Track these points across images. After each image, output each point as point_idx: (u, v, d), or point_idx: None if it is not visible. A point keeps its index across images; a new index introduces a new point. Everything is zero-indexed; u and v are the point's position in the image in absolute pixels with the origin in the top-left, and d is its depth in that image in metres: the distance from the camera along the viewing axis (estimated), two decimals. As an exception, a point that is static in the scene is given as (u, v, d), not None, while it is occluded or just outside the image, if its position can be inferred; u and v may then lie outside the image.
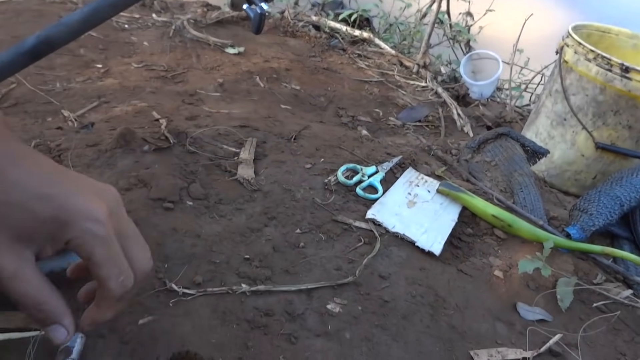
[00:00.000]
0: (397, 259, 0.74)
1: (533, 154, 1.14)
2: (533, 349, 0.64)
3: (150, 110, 1.05)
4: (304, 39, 1.97)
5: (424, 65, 1.88)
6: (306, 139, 1.03)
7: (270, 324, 0.58)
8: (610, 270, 0.84)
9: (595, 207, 0.90)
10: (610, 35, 1.50)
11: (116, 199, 0.38)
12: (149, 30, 1.66)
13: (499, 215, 0.86)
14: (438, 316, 0.65)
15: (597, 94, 1.25)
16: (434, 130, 1.45)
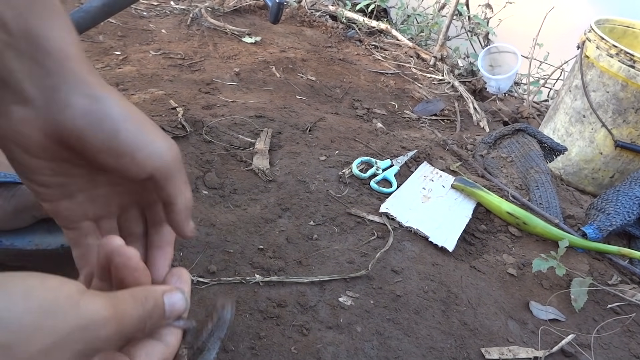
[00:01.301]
0: (410, 254, 0.74)
1: (550, 150, 1.13)
2: (545, 349, 0.63)
3: (168, 99, 1.05)
4: (321, 29, 1.96)
5: (441, 58, 1.86)
6: (321, 130, 1.03)
7: (282, 314, 0.59)
8: (626, 272, 0.83)
9: (613, 206, 0.89)
10: (634, 30, 1.47)
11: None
12: (167, 17, 1.66)
13: (514, 212, 0.85)
14: (450, 312, 0.65)
15: (618, 91, 1.23)
16: (450, 124, 1.44)
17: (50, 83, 0.29)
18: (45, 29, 0.29)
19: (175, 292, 0.31)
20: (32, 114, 0.29)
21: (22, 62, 0.29)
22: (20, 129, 0.29)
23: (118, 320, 0.26)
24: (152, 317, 0.29)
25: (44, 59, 0.29)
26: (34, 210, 0.53)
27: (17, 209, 0.52)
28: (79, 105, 0.30)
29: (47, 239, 0.53)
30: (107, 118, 0.30)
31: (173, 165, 0.34)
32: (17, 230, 0.54)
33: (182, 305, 0.31)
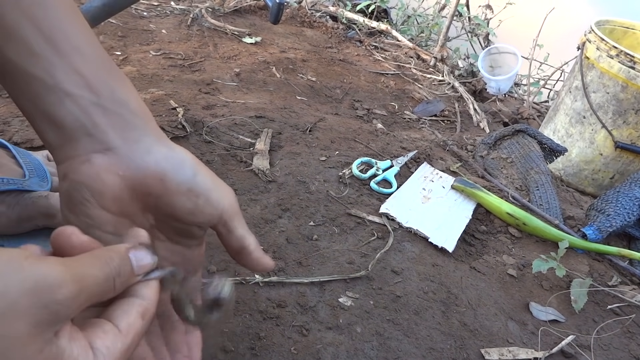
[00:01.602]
0: (409, 254, 0.74)
1: (550, 151, 1.13)
2: (545, 350, 0.63)
3: (168, 99, 1.05)
4: (321, 30, 1.96)
5: (441, 59, 1.86)
6: (321, 131, 1.03)
7: (282, 315, 0.59)
8: (626, 273, 0.83)
9: (613, 207, 0.89)
10: (634, 32, 1.47)
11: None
12: (168, 18, 1.66)
13: (514, 213, 0.85)
14: (450, 313, 0.65)
15: (618, 92, 1.23)
16: (450, 125, 1.44)
17: (134, 135, 0.34)
18: (124, 91, 0.34)
19: (141, 248, 0.31)
20: (114, 160, 0.33)
21: (108, 117, 0.33)
22: (101, 175, 0.32)
23: (78, 281, 0.25)
24: (121, 274, 0.29)
25: (129, 116, 0.34)
26: (37, 220, 0.53)
27: (21, 218, 0.52)
28: (160, 152, 0.34)
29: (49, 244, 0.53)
30: (186, 162, 0.35)
31: (237, 207, 0.38)
32: (18, 234, 0.53)
33: (149, 259, 0.31)
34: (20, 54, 0.31)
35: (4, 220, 0.51)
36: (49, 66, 0.31)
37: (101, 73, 0.33)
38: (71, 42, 0.32)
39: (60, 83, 0.31)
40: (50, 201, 0.52)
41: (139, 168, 0.33)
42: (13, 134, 0.77)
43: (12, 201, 0.51)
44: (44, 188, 0.54)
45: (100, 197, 0.33)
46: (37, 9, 0.31)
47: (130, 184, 0.33)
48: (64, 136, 0.33)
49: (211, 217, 0.36)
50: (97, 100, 0.32)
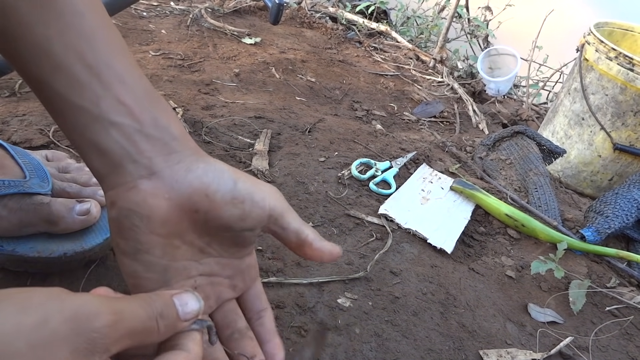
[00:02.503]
0: (408, 256, 0.74)
1: (549, 153, 1.13)
2: (543, 351, 0.63)
3: (167, 99, 1.05)
4: (321, 31, 1.96)
5: (440, 60, 1.86)
6: (320, 131, 1.03)
7: (281, 316, 0.59)
8: (625, 274, 0.83)
9: (611, 209, 0.89)
10: (633, 34, 1.47)
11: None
12: (167, 18, 1.66)
13: (513, 214, 0.85)
14: (448, 314, 0.65)
15: (617, 94, 1.23)
16: (449, 126, 1.44)
17: (175, 157, 0.35)
18: (165, 118, 0.36)
19: (185, 293, 0.32)
20: (159, 184, 0.34)
21: (151, 143, 0.34)
22: (148, 200, 0.34)
23: (114, 313, 0.26)
24: (164, 316, 0.29)
25: (170, 141, 0.35)
26: (39, 226, 0.52)
27: (22, 223, 0.51)
28: (199, 168, 0.36)
29: (50, 245, 0.52)
30: (224, 173, 0.36)
31: (285, 204, 0.39)
32: (18, 237, 0.53)
33: (196, 304, 0.32)
34: (67, 86, 0.33)
35: (5, 224, 0.51)
36: (94, 97, 0.33)
37: (144, 102, 0.35)
38: (115, 74, 0.34)
39: (105, 113, 0.33)
40: (52, 208, 0.52)
41: (182, 187, 0.35)
42: (12, 134, 0.77)
43: (14, 205, 0.51)
44: (45, 189, 0.54)
45: (148, 222, 0.34)
46: (82, 43, 0.33)
47: (177, 204, 0.35)
48: (111, 164, 0.34)
49: (261, 218, 0.37)
50: (140, 128, 0.34)
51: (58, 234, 0.53)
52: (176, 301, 0.31)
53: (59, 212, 0.52)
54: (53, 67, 0.32)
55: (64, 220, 0.52)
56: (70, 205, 0.53)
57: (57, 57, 0.32)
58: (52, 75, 0.32)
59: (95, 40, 0.34)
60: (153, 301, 0.29)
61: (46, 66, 0.33)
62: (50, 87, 0.33)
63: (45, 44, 0.32)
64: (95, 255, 0.55)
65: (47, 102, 0.34)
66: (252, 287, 0.43)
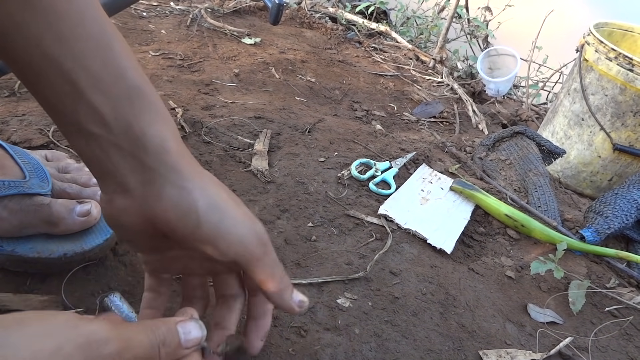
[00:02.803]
0: (408, 256, 0.74)
1: (549, 153, 1.13)
2: (543, 351, 0.63)
3: (167, 99, 1.05)
4: (320, 31, 1.96)
5: (440, 61, 1.86)
6: (320, 132, 1.03)
7: (280, 316, 0.59)
8: (624, 275, 0.83)
9: (611, 209, 0.89)
10: (632, 34, 1.47)
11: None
12: (167, 18, 1.66)
13: (512, 214, 0.85)
14: (448, 314, 0.65)
15: (616, 94, 1.23)
16: (449, 126, 1.44)
17: (148, 177, 0.33)
18: (145, 124, 0.33)
19: (190, 321, 0.33)
20: (132, 203, 0.34)
21: (124, 158, 0.33)
22: (122, 216, 0.34)
23: (122, 341, 0.27)
24: (166, 343, 0.30)
25: (142, 155, 0.33)
26: (39, 227, 0.52)
27: (23, 225, 0.51)
28: (169, 198, 0.33)
29: (50, 246, 0.52)
30: (191, 211, 0.34)
31: (256, 251, 0.36)
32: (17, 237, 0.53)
33: (198, 333, 0.33)
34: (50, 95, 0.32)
35: (6, 225, 0.51)
36: (73, 104, 0.32)
37: (121, 107, 0.32)
38: (90, 76, 0.32)
39: (83, 123, 0.32)
40: (52, 209, 0.52)
41: (151, 214, 0.34)
42: (11, 134, 0.77)
43: (14, 207, 0.51)
44: (45, 189, 0.54)
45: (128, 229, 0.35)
46: (56, 47, 0.30)
47: (148, 223, 0.34)
48: (95, 173, 0.34)
49: (223, 264, 0.36)
50: (114, 140, 0.33)
51: (58, 234, 0.53)
52: (180, 329, 0.31)
53: (59, 214, 0.52)
54: (35, 74, 0.31)
55: (65, 222, 0.52)
56: (71, 207, 0.53)
57: (37, 65, 0.31)
58: (36, 83, 0.32)
59: (73, 44, 0.31)
60: (157, 328, 0.30)
61: (29, 74, 0.31)
62: (38, 94, 0.32)
63: (28, 50, 0.30)
64: (95, 256, 0.55)
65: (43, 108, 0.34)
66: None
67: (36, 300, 0.51)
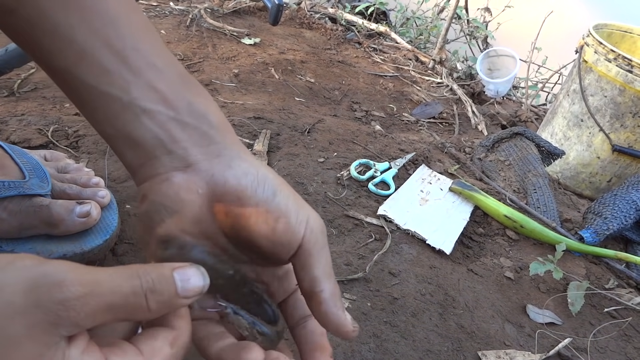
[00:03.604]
0: (407, 256, 0.74)
1: (548, 154, 1.13)
2: (542, 352, 0.64)
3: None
4: (320, 31, 1.96)
5: (440, 61, 1.86)
6: (320, 132, 1.03)
7: (279, 316, 0.59)
8: (623, 276, 0.83)
9: (610, 210, 0.89)
10: (632, 36, 1.47)
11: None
12: (167, 18, 1.66)
13: (512, 215, 0.85)
14: (447, 315, 0.65)
15: (616, 95, 1.23)
16: (448, 127, 1.44)
17: (214, 149, 0.32)
18: (202, 104, 0.33)
19: (190, 267, 0.28)
20: (194, 177, 0.31)
21: (187, 132, 0.31)
22: (180, 194, 0.31)
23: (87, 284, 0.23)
24: (156, 291, 0.25)
25: (208, 130, 0.32)
26: (39, 228, 0.52)
27: (22, 226, 0.51)
28: (240, 167, 0.31)
29: (49, 246, 0.52)
30: (267, 179, 0.32)
31: (322, 239, 0.33)
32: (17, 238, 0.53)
33: (200, 281, 0.28)
34: (94, 74, 0.30)
35: (5, 226, 0.51)
36: (124, 83, 0.30)
37: (177, 87, 0.32)
38: (145, 59, 0.32)
39: (135, 100, 0.31)
40: (52, 210, 0.52)
41: (217, 184, 0.31)
42: (10, 134, 0.77)
43: (14, 208, 0.51)
44: (45, 189, 0.54)
45: (179, 218, 0.31)
46: (108, 29, 0.31)
47: (210, 202, 0.31)
48: (143, 155, 0.31)
49: (289, 246, 0.32)
50: (174, 115, 0.31)
51: (58, 235, 0.53)
52: (177, 275, 0.27)
53: (59, 215, 0.52)
54: (77, 55, 0.30)
55: (64, 223, 0.52)
56: (70, 207, 0.53)
57: (81, 44, 0.30)
58: (76, 64, 0.30)
59: (120, 24, 0.31)
60: (145, 273, 0.25)
61: (70, 55, 0.30)
62: (76, 76, 0.30)
63: (68, 31, 0.30)
64: (95, 257, 0.55)
65: (73, 93, 0.32)
66: (294, 294, 0.37)
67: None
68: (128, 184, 0.73)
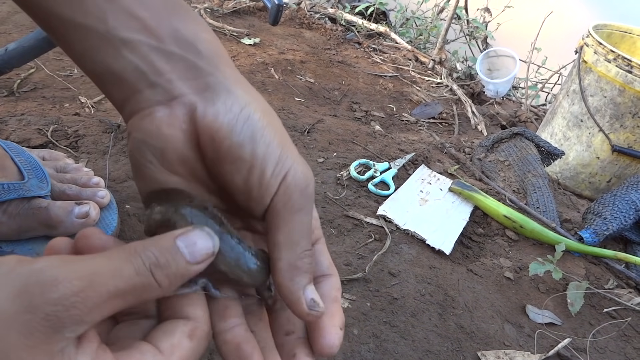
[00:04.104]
0: (407, 257, 0.74)
1: (548, 154, 1.13)
2: (541, 352, 0.64)
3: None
4: (320, 32, 1.96)
5: (439, 62, 1.86)
6: (319, 132, 1.03)
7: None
8: (622, 276, 0.83)
9: (609, 211, 0.89)
10: (631, 36, 1.47)
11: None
12: (166, 18, 1.66)
13: (511, 215, 0.85)
14: (447, 315, 0.65)
15: (615, 96, 1.23)
16: (448, 127, 1.44)
17: (202, 82, 0.29)
18: (191, 31, 0.29)
19: (192, 230, 0.25)
20: (177, 111, 0.28)
21: (172, 63, 0.28)
22: (162, 129, 0.28)
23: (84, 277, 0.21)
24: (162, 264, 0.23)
25: (195, 59, 0.29)
26: (37, 230, 0.52)
27: (21, 228, 0.51)
28: (225, 103, 0.28)
29: None
30: (249, 119, 0.28)
31: (300, 199, 0.28)
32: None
33: (208, 242, 0.25)
34: (67, 6, 0.27)
35: (4, 229, 0.51)
36: (99, 12, 0.27)
37: (161, 12, 0.28)
38: None
39: (113, 29, 0.27)
40: (50, 212, 0.52)
41: (198, 121, 0.28)
42: (10, 134, 0.77)
43: (13, 211, 0.51)
44: (45, 190, 0.54)
45: (163, 157, 0.28)
46: None
47: (193, 140, 0.28)
48: (127, 89, 0.28)
49: (261, 202, 0.28)
50: (157, 45, 0.28)
51: (57, 236, 0.53)
52: (180, 243, 0.24)
53: (58, 216, 0.52)
54: None
55: (63, 224, 0.52)
56: (69, 209, 0.53)
57: None
58: None
59: None
60: (143, 250, 0.23)
61: None
62: (51, 11, 0.27)
63: None
64: (94, 256, 0.55)
65: (49, 28, 0.29)
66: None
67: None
68: (128, 184, 0.73)
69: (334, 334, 0.28)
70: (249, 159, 0.27)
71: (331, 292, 0.31)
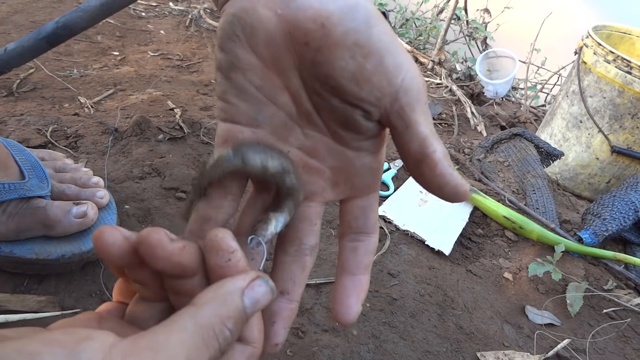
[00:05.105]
0: (406, 257, 0.74)
1: (547, 155, 1.13)
2: (540, 353, 0.64)
3: (166, 100, 1.05)
4: (320, 32, 1.96)
5: (439, 62, 1.86)
6: (319, 133, 1.03)
7: (278, 317, 0.59)
8: (622, 277, 0.83)
9: (609, 211, 0.89)
10: (631, 37, 1.47)
11: None
12: (166, 18, 1.66)
13: (511, 216, 0.85)
14: (446, 316, 0.65)
15: (615, 97, 1.24)
16: (447, 128, 1.44)
17: None
18: None
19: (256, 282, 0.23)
20: None
21: None
22: (258, 8, 0.26)
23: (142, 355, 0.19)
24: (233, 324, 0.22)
25: None
26: (36, 230, 0.52)
27: (20, 228, 0.51)
28: None
29: (48, 247, 0.52)
30: (360, 7, 0.26)
31: (423, 93, 0.27)
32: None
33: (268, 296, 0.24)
34: None
35: (3, 229, 0.51)
36: None
37: None
38: None
39: None
40: (48, 212, 0.52)
41: (299, 8, 0.26)
42: (9, 134, 0.77)
43: (12, 210, 0.51)
44: (45, 190, 0.54)
45: (251, 34, 0.27)
46: None
47: (287, 27, 0.26)
48: None
49: (381, 94, 0.26)
50: None
51: (56, 236, 0.53)
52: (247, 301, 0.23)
53: (56, 216, 0.52)
54: None
55: (61, 224, 0.52)
56: (67, 209, 0.53)
57: None
58: None
59: None
60: (221, 330, 0.21)
61: None
62: None
63: None
64: (93, 257, 0.55)
65: None
66: (361, 199, 0.31)
67: (33, 301, 0.51)
68: (127, 184, 0.73)
69: (353, 306, 0.29)
70: (366, 46, 0.25)
71: (365, 258, 0.31)
